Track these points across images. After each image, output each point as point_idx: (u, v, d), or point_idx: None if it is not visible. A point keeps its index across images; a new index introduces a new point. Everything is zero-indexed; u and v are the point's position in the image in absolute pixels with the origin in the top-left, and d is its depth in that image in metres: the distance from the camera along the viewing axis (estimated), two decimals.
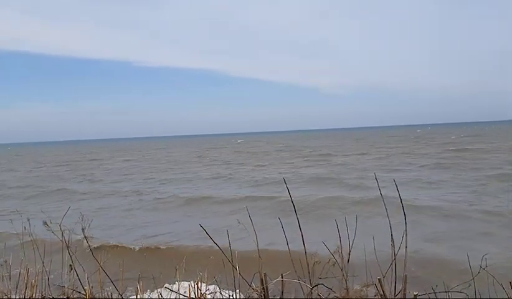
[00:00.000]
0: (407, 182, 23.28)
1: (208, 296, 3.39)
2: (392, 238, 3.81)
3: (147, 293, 3.57)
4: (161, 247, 12.14)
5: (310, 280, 3.72)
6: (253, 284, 3.47)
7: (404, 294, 3.44)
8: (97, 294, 3.63)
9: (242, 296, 3.43)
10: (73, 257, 3.77)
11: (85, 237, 3.60)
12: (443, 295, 3.87)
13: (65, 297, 3.57)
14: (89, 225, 3.90)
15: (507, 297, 3.69)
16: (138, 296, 3.34)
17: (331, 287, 3.59)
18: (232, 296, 3.41)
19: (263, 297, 3.21)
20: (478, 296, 3.92)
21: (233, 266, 3.50)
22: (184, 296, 3.33)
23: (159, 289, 3.56)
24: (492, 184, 21.07)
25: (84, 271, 3.92)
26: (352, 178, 26.30)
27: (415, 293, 3.31)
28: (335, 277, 3.88)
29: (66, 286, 3.68)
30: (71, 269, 3.83)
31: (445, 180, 23.71)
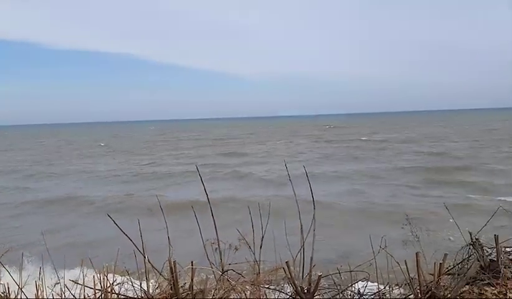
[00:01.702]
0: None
1: (116, 287, 3.30)
2: (301, 224, 3.97)
3: (51, 286, 3.39)
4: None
5: (222, 266, 3.76)
6: (163, 273, 3.43)
7: (310, 275, 3.60)
8: None
9: (152, 285, 3.39)
10: None
11: None
12: (347, 274, 4.12)
13: None
14: None
15: (403, 274, 4.02)
16: (39, 291, 3.17)
17: (241, 272, 3.66)
18: (141, 285, 3.35)
19: (172, 285, 3.19)
20: (378, 274, 4.23)
21: (143, 255, 3.43)
22: (90, 287, 3.21)
23: (63, 282, 3.39)
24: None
25: None
26: (260, 171, 26.67)
27: (319, 274, 3.48)
28: (247, 262, 3.97)
29: None
30: None
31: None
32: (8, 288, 3.24)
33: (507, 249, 5.00)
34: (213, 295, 3.26)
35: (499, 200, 14.50)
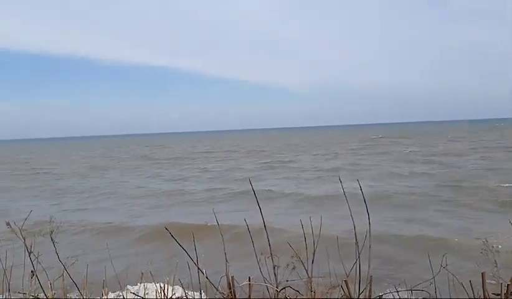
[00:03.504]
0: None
1: None
2: (355, 237, 3.90)
3: (114, 297, 3.51)
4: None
5: (276, 282, 3.75)
6: (219, 288, 3.47)
7: (370, 295, 3.52)
8: None
9: None
10: (36, 262, 3.67)
11: (52, 240, 3.52)
12: (406, 294, 3.99)
13: None
14: (58, 227, 3.83)
15: (466, 296, 3.83)
16: None
17: (298, 289, 3.63)
18: None
19: None
20: (438, 295, 4.06)
21: (198, 269, 3.49)
22: None
23: (124, 293, 3.51)
24: None
25: (47, 276, 3.82)
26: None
27: (379, 294, 3.39)
28: (301, 279, 3.94)
29: (27, 293, 3.58)
30: (33, 275, 3.72)
31: None
32: None
33: None
34: None
35: None
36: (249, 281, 3.23)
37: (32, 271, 3.71)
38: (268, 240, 4.05)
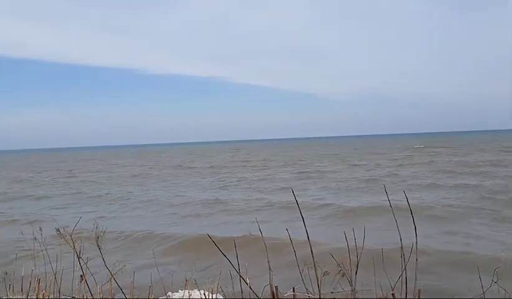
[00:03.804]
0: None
1: None
2: (401, 249, 3.81)
3: None
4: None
5: (319, 293, 3.72)
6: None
7: None
8: None
9: None
10: (85, 267, 3.81)
11: (98, 245, 3.64)
12: None
13: None
14: (104, 233, 3.97)
15: None
16: None
17: None
18: None
19: None
20: None
21: (241, 277, 3.51)
22: None
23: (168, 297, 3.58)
24: None
25: (95, 281, 3.95)
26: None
27: None
28: (344, 291, 3.89)
29: (77, 297, 3.70)
30: (82, 279, 3.86)
31: None
32: None
33: None
34: None
35: None
36: (293, 291, 3.21)
37: (81, 276, 3.84)
38: (312, 252, 4.02)
